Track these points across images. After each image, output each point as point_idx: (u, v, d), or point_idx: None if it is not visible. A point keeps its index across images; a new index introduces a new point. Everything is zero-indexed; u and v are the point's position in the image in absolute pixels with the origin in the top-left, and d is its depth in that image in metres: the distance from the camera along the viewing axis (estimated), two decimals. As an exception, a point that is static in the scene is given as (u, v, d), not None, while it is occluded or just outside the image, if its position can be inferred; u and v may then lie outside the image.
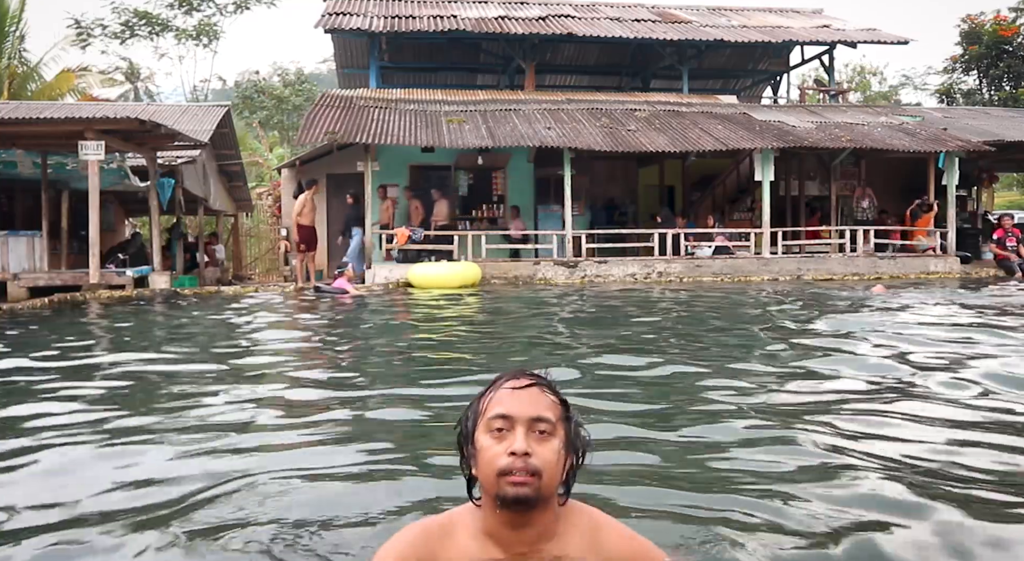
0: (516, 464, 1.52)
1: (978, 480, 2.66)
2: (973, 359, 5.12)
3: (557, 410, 1.61)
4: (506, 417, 1.56)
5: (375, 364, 5.79)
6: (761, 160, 16.13)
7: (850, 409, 3.78)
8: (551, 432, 1.58)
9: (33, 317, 9.55)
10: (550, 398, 1.62)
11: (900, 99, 38.41)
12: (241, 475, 2.72)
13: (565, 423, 1.62)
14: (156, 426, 3.56)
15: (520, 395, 1.59)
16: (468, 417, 1.65)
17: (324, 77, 44.30)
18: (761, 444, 3.11)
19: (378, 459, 2.98)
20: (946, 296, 10.57)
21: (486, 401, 1.62)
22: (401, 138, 15.36)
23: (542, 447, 1.56)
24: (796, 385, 4.47)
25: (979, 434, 3.29)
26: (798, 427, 3.38)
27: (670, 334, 7.16)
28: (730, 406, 3.84)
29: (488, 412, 1.59)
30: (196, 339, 7.38)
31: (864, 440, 3.17)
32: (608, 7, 21.93)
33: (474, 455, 1.61)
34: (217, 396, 4.27)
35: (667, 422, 3.55)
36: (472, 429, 1.63)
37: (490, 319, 9.24)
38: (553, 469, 1.56)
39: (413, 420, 3.73)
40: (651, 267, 15.76)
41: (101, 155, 12.61)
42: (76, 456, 3.09)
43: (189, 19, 33.08)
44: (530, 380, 1.62)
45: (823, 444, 3.08)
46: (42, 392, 4.49)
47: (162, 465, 2.91)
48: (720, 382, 4.48)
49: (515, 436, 1.55)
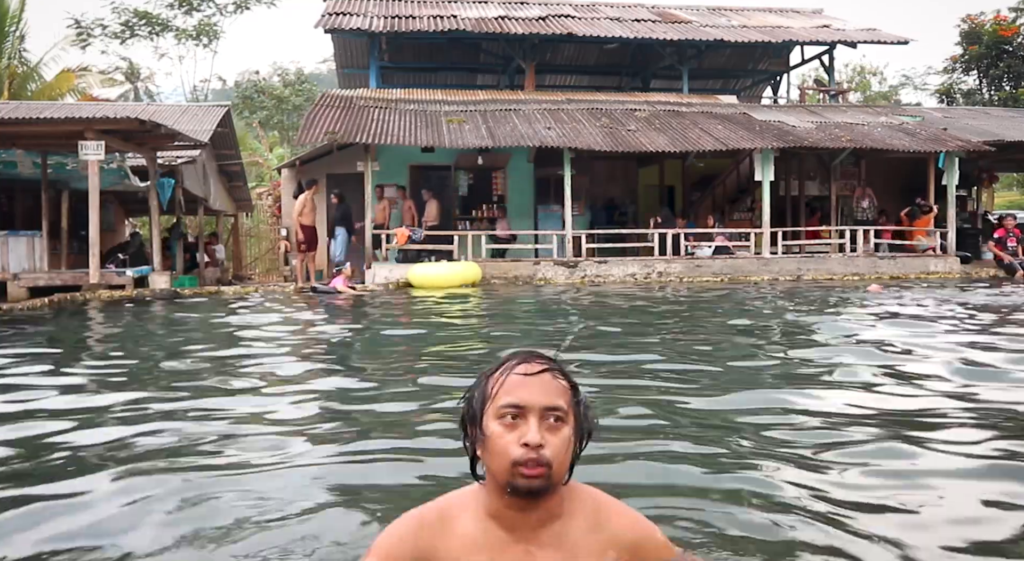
0: (530, 456, 1.49)
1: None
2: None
3: (568, 396, 1.57)
4: (518, 406, 1.52)
5: (373, 364, 5.80)
6: (761, 160, 16.13)
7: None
8: (563, 420, 1.55)
9: (33, 317, 9.55)
10: (562, 384, 1.57)
11: (900, 99, 38.42)
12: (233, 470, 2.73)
13: (575, 408, 1.59)
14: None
15: (532, 382, 1.54)
16: (475, 397, 1.60)
17: (324, 77, 44.30)
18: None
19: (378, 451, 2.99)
20: (939, 296, 10.60)
21: (496, 385, 1.56)
22: (401, 138, 15.36)
23: (554, 436, 1.52)
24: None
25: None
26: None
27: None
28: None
29: (499, 398, 1.54)
30: (195, 339, 7.39)
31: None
32: (608, 7, 21.93)
33: (482, 440, 1.56)
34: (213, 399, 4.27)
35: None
36: (480, 411, 1.57)
37: (495, 319, 9.24)
38: (563, 457, 1.54)
39: (407, 411, 3.73)
40: (651, 267, 15.76)
41: (101, 155, 12.61)
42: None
43: (189, 19, 33.11)
44: (542, 365, 1.57)
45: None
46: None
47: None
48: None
49: (528, 426, 1.51)
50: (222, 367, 5.34)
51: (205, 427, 3.51)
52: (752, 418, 3.55)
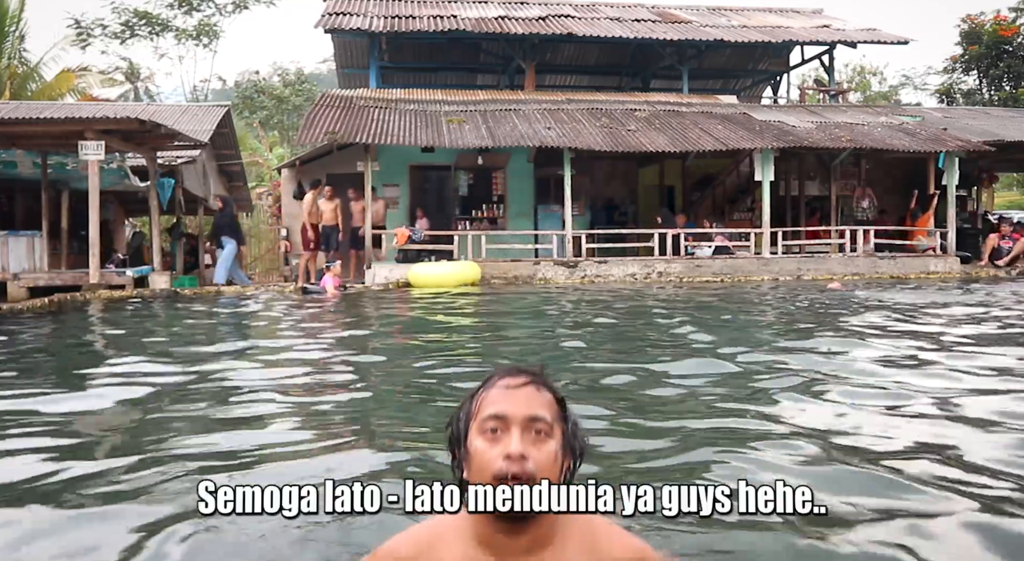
0: (512, 468, 1.43)
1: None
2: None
3: (554, 409, 1.52)
4: (500, 417, 1.47)
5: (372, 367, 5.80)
6: (761, 160, 16.13)
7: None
8: (548, 432, 1.49)
9: (33, 317, 9.55)
10: (546, 396, 1.53)
11: (900, 99, 38.40)
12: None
13: (562, 423, 1.53)
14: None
15: (515, 394, 1.50)
16: (460, 417, 1.55)
17: (324, 77, 44.31)
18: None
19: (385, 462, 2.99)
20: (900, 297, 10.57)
21: (479, 401, 1.53)
22: (401, 138, 15.36)
23: (538, 449, 1.47)
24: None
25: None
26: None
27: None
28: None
29: (481, 412, 1.50)
30: (198, 338, 7.39)
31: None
32: (608, 7, 21.93)
33: (467, 458, 1.50)
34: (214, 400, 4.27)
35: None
36: (464, 430, 1.53)
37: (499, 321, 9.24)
38: (550, 472, 1.46)
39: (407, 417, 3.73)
40: (651, 267, 15.76)
41: (101, 155, 12.61)
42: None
43: (189, 19, 33.15)
44: (525, 378, 1.53)
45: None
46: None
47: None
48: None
49: (510, 437, 1.46)
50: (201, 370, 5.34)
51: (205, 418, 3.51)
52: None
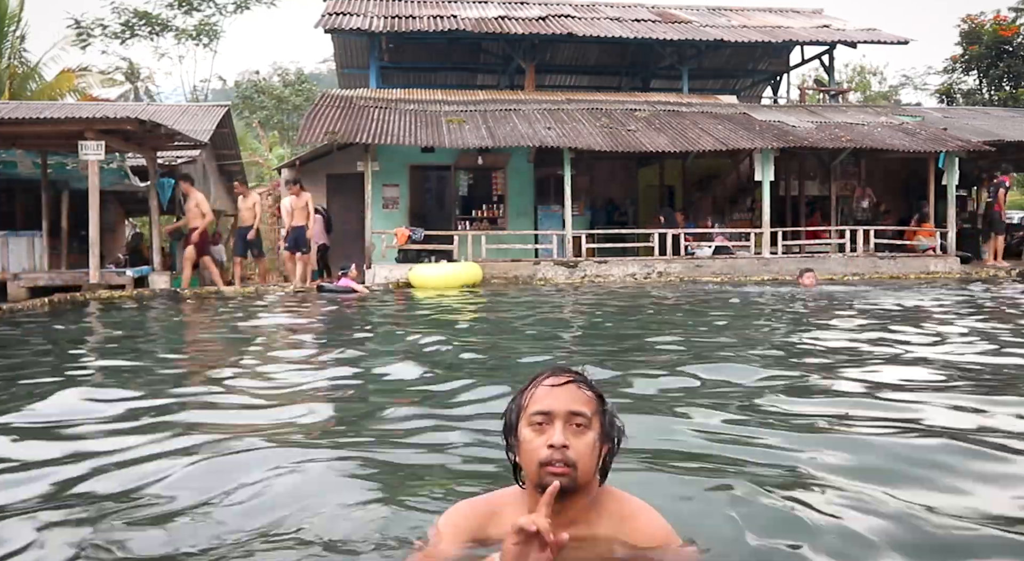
0: (555, 456, 1.68)
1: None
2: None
3: (593, 404, 1.76)
4: (545, 413, 1.72)
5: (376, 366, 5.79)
6: (761, 160, 16.13)
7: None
8: (587, 425, 1.73)
9: (33, 317, 9.55)
10: (586, 393, 1.76)
11: (900, 99, 38.36)
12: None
13: (600, 415, 1.77)
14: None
15: (558, 392, 1.74)
16: (512, 410, 1.81)
17: (324, 77, 44.31)
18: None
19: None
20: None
21: (528, 397, 1.77)
22: (401, 138, 15.36)
23: (578, 440, 1.71)
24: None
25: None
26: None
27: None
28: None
29: (529, 408, 1.75)
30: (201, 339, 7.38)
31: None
32: (608, 7, 21.93)
33: (517, 446, 1.77)
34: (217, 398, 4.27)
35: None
36: (515, 421, 1.79)
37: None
38: (588, 459, 1.72)
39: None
40: (651, 267, 15.76)
41: (101, 155, 12.61)
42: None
43: (189, 19, 33.05)
44: (568, 377, 1.77)
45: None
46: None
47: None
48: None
49: (554, 430, 1.70)
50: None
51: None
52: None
